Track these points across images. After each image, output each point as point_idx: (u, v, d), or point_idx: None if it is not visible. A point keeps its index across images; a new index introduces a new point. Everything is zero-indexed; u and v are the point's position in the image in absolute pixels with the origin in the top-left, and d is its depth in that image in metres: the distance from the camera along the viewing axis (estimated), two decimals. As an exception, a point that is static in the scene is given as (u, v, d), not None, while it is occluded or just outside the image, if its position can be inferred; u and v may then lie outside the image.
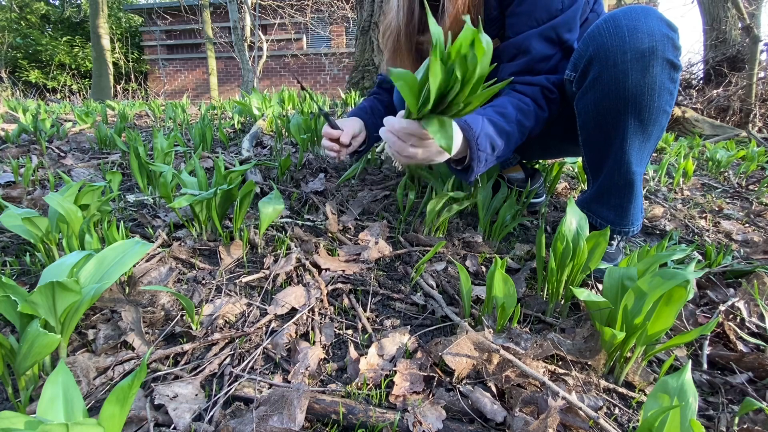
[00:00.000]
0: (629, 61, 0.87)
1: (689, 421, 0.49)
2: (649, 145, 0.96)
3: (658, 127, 0.93)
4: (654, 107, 0.90)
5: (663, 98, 0.89)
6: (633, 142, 0.94)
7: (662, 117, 0.92)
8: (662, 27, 0.86)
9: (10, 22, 12.00)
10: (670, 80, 0.88)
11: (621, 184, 1.00)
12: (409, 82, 0.64)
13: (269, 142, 2.09)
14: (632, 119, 0.92)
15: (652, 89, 0.88)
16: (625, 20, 0.87)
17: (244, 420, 0.59)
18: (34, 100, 4.92)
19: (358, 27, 3.27)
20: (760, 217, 1.60)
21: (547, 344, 0.74)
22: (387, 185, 1.54)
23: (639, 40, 0.86)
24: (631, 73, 0.88)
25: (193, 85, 11.91)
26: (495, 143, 0.92)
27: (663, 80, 0.88)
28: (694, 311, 0.91)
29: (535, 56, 1.00)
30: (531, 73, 1.01)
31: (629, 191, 1.00)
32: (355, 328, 0.84)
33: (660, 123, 0.93)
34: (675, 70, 0.88)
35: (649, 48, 0.85)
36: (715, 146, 2.50)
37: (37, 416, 0.46)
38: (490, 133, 0.91)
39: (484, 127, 0.90)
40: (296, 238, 1.13)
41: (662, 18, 0.86)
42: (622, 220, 1.04)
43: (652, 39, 0.85)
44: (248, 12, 8.81)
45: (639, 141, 0.94)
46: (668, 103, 0.91)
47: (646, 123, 0.92)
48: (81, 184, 0.98)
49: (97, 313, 0.80)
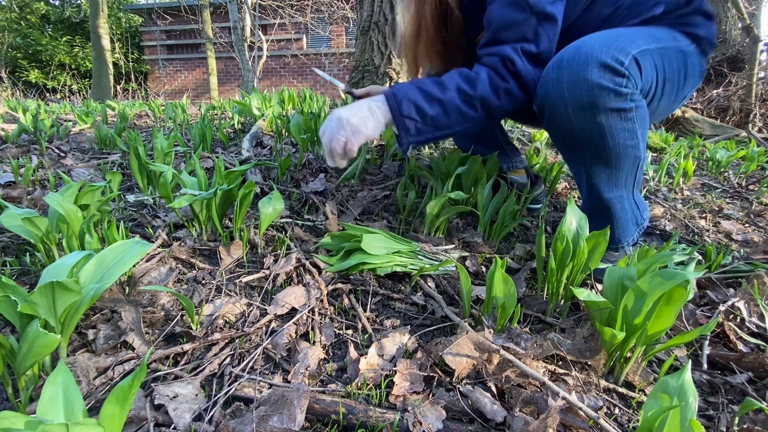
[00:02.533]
0: (572, 114, 0.87)
1: (689, 421, 0.49)
2: (622, 173, 0.95)
3: (626, 157, 0.92)
4: (611, 145, 0.89)
5: (620, 136, 0.88)
6: (599, 174, 0.95)
7: (626, 150, 0.91)
8: (602, 79, 0.82)
9: (10, 22, 12.00)
10: (623, 120, 0.87)
11: (597, 209, 1.01)
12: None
13: (269, 142, 2.09)
14: (590, 157, 0.93)
15: (603, 133, 0.88)
16: (567, 71, 0.85)
17: (244, 420, 0.59)
18: (34, 100, 4.92)
19: (358, 27, 3.27)
20: (760, 217, 1.60)
21: (547, 344, 0.74)
22: (387, 185, 1.54)
23: (578, 95, 0.84)
24: (577, 123, 0.88)
25: (193, 85, 11.91)
26: (423, 109, 0.90)
27: (613, 123, 0.86)
28: (694, 311, 0.91)
29: (496, 24, 0.92)
30: (497, 43, 0.93)
31: (607, 214, 1.01)
32: (355, 328, 0.84)
33: (626, 154, 0.91)
34: (626, 112, 0.86)
35: (588, 103, 0.84)
36: (715, 146, 2.50)
37: (37, 416, 0.46)
38: (416, 99, 0.90)
39: (408, 93, 0.89)
40: (296, 238, 1.13)
41: (605, 65, 0.81)
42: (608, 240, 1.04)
43: (590, 94, 0.83)
44: (248, 12, 8.81)
45: (605, 173, 0.95)
46: (629, 137, 0.89)
47: (607, 159, 0.92)
48: (81, 184, 0.98)
49: (97, 313, 0.80)
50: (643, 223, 1.06)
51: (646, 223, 1.07)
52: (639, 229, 1.06)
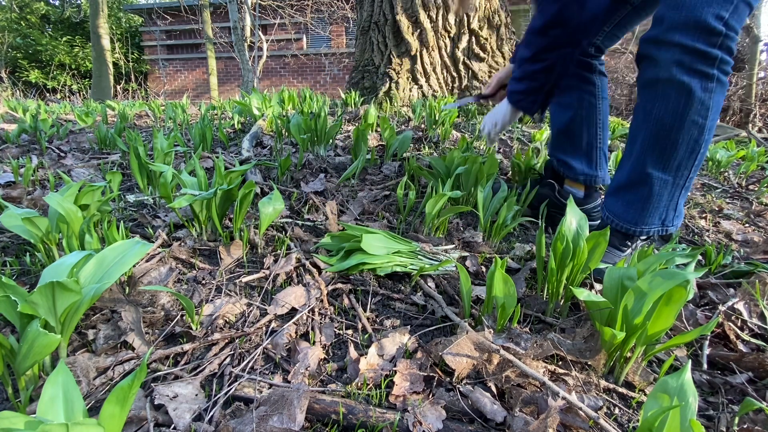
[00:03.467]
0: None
1: (689, 421, 0.49)
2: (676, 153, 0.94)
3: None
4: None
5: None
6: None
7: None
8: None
9: (10, 22, 12.00)
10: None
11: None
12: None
13: (269, 142, 2.09)
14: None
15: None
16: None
17: (244, 420, 0.59)
18: (34, 100, 4.92)
19: (358, 27, 3.27)
20: (760, 217, 1.60)
21: (547, 344, 0.74)
22: (387, 185, 1.54)
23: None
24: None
25: (193, 85, 11.91)
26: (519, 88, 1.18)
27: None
28: (694, 311, 0.91)
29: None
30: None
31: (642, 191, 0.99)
32: (355, 328, 0.84)
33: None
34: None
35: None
36: (715, 146, 2.50)
37: (37, 416, 0.46)
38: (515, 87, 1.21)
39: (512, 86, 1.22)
40: (296, 238, 1.13)
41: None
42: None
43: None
44: (248, 12, 8.81)
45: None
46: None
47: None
48: (81, 184, 0.98)
49: (97, 313, 0.80)
50: (669, 227, 1.01)
51: (672, 230, 1.02)
52: (662, 229, 1.01)
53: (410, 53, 3.00)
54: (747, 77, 4.77)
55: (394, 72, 3.02)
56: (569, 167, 1.32)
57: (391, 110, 2.81)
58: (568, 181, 1.35)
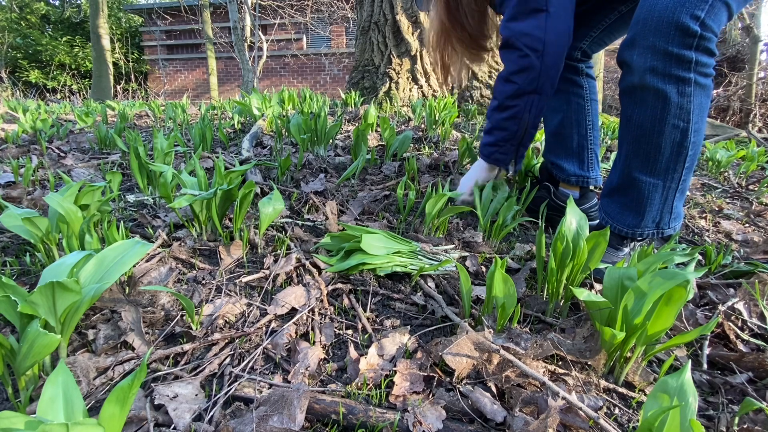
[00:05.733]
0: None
1: (689, 421, 0.49)
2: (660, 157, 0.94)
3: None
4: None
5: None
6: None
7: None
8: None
9: (10, 22, 12.00)
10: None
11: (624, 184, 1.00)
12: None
13: (269, 142, 2.09)
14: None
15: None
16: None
17: (244, 420, 0.59)
18: (34, 100, 4.92)
19: (358, 27, 3.27)
20: (760, 217, 1.60)
21: (547, 344, 0.74)
22: (387, 185, 1.54)
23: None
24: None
25: (193, 85, 11.91)
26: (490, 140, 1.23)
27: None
28: (694, 311, 0.91)
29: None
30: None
31: (630, 194, 0.99)
32: (355, 328, 0.84)
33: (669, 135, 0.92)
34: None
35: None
36: (715, 146, 2.50)
37: (37, 416, 0.46)
38: (487, 140, 1.25)
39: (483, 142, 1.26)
40: (296, 238, 1.13)
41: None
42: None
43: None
44: (248, 12, 8.81)
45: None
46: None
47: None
48: (81, 184, 0.98)
49: (97, 313, 0.80)
50: (665, 229, 1.00)
51: (668, 233, 1.00)
52: (657, 232, 1.00)
53: (410, 53, 3.01)
54: (747, 77, 4.77)
55: (394, 72, 3.02)
56: (561, 169, 1.33)
57: (391, 110, 2.81)
58: (563, 183, 1.36)
